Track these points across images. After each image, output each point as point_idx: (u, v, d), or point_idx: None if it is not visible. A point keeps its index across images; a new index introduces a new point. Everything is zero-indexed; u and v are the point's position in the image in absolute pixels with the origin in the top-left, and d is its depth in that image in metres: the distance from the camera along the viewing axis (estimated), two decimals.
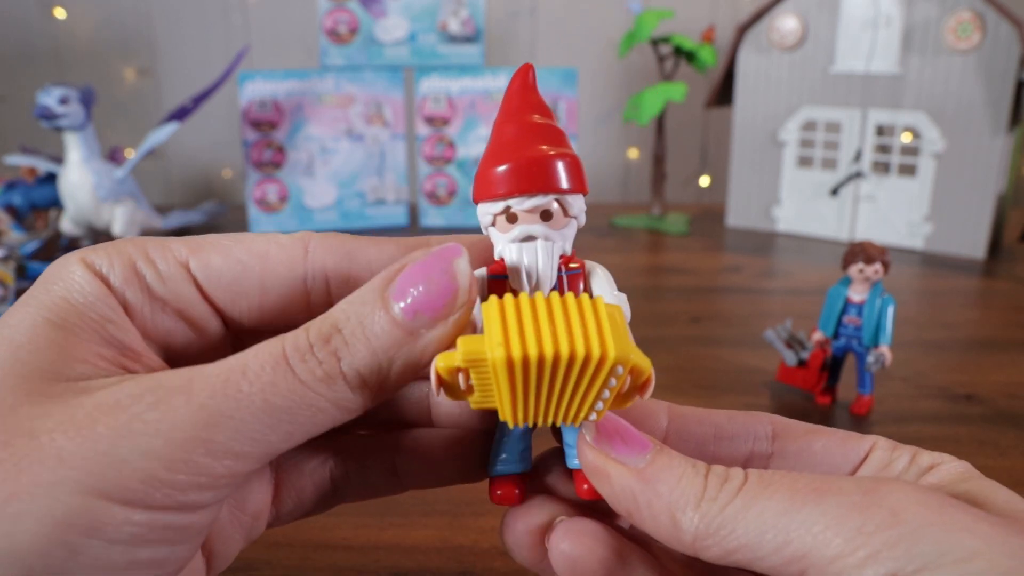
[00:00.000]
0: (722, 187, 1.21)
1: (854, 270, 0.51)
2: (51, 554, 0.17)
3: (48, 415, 0.18)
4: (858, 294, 0.52)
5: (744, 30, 1.00)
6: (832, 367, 0.54)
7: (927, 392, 0.57)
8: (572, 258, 0.23)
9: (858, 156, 0.96)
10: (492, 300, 0.19)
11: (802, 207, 1.02)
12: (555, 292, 0.20)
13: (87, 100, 0.86)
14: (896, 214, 0.96)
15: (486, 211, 0.22)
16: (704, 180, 1.28)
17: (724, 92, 1.04)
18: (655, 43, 1.05)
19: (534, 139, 0.22)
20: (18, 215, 0.93)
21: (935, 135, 0.91)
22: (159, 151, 1.22)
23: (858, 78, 0.94)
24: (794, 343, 0.56)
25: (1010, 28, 0.85)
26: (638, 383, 0.20)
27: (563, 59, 1.22)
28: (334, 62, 1.01)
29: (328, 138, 1.01)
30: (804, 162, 1.01)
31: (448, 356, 0.19)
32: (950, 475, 0.20)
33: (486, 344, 0.19)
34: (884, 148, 0.96)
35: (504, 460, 0.23)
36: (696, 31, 1.14)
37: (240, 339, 0.24)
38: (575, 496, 0.23)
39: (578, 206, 0.22)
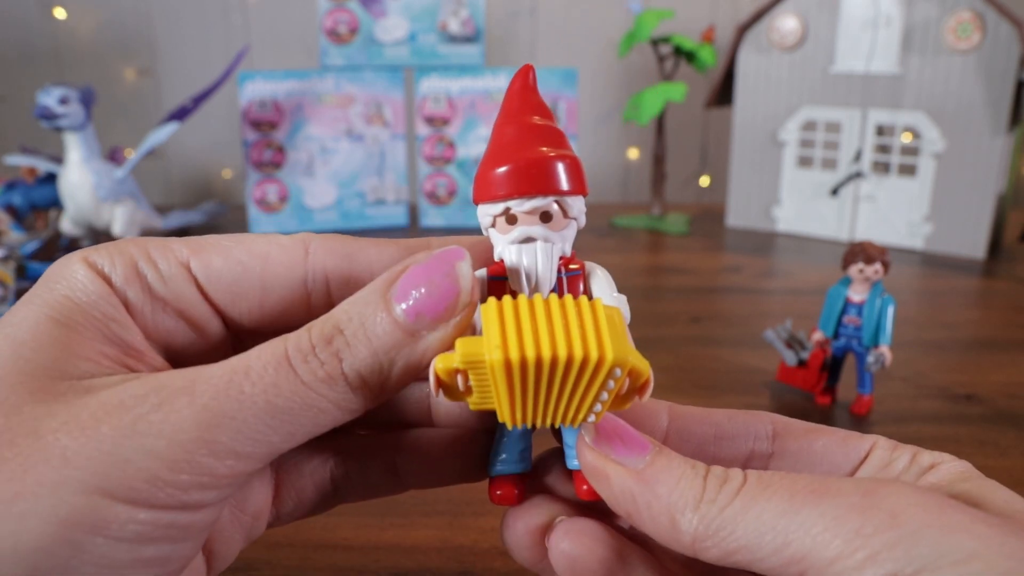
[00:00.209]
0: (722, 187, 1.21)
1: (854, 270, 0.51)
2: (56, 552, 0.17)
3: (53, 414, 0.18)
4: (858, 294, 0.52)
5: (744, 30, 1.00)
6: (832, 367, 0.54)
7: (927, 392, 0.57)
8: (572, 259, 0.23)
9: (858, 156, 0.96)
10: (491, 302, 0.19)
11: (802, 207, 1.02)
12: (554, 294, 0.20)
13: (87, 100, 0.86)
14: (896, 214, 0.96)
15: (486, 212, 0.22)
16: (704, 180, 1.28)
17: (724, 92, 1.04)
18: (655, 43, 1.05)
19: (534, 140, 0.22)
20: (18, 215, 0.93)
21: (935, 135, 0.91)
22: (159, 151, 1.22)
23: (858, 78, 0.94)
24: (794, 343, 0.56)
25: (1010, 28, 0.85)
26: (637, 385, 0.20)
27: (563, 59, 1.22)
28: (334, 62, 1.01)
29: (328, 138, 1.01)
30: (804, 162, 1.01)
31: (447, 358, 0.19)
32: (950, 475, 0.20)
33: (484, 346, 0.19)
34: (884, 148, 0.96)
35: (504, 460, 0.23)
36: (696, 31, 1.14)
37: (241, 339, 0.24)
38: (575, 496, 0.23)
39: (578, 207, 0.22)
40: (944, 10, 0.88)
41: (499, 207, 0.22)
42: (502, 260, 0.22)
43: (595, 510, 0.23)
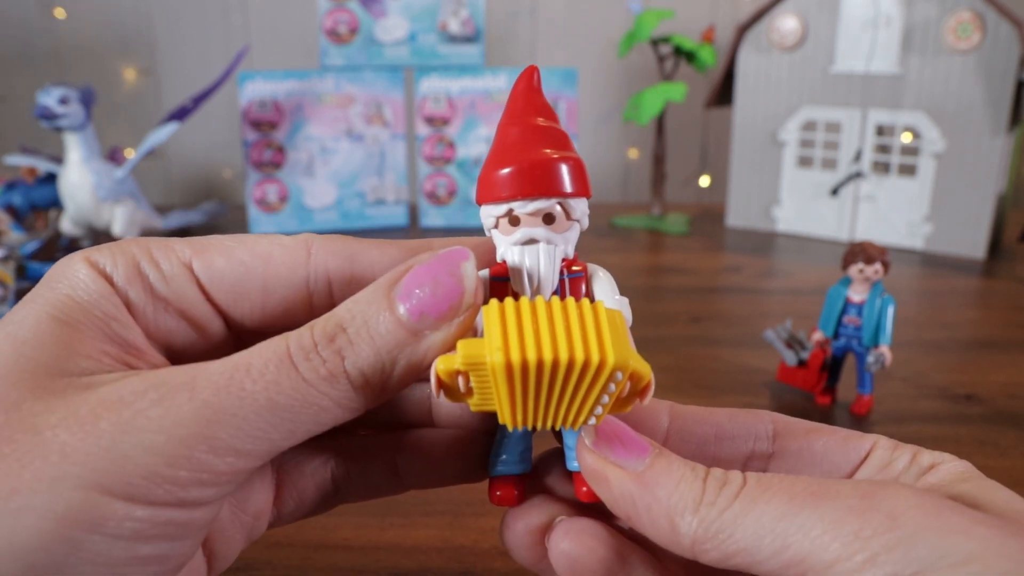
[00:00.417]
0: (722, 187, 1.21)
1: (854, 270, 0.51)
2: (52, 550, 0.17)
3: (51, 411, 0.18)
4: (858, 294, 0.52)
5: (744, 30, 1.00)
6: (832, 367, 0.54)
7: (927, 392, 0.57)
8: (575, 261, 0.23)
9: (858, 156, 0.96)
10: (493, 304, 0.20)
11: (802, 207, 1.02)
12: (556, 296, 0.20)
13: (87, 100, 0.86)
14: (896, 214, 0.96)
15: (489, 213, 0.22)
16: (704, 180, 1.28)
17: (724, 92, 1.04)
18: (655, 43, 1.05)
19: (538, 142, 0.22)
20: (18, 215, 0.93)
21: (935, 135, 0.91)
22: (159, 151, 1.22)
23: (858, 78, 0.94)
24: (794, 343, 0.56)
25: (1010, 28, 0.85)
26: (638, 388, 0.20)
27: (563, 59, 1.22)
28: (334, 62, 1.01)
29: (328, 138, 1.01)
30: (804, 162, 1.01)
31: (448, 359, 0.19)
32: (950, 475, 0.20)
33: (486, 348, 0.19)
34: (884, 148, 0.96)
35: (504, 461, 0.23)
36: (696, 31, 1.14)
37: (242, 340, 0.24)
38: (575, 497, 0.23)
39: (581, 209, 0.22)
40: (944, 10, 0.88)
41: (502, 208, 0.22)
42: (504, 261, 0.22)
43: (595, 510, 0.23)
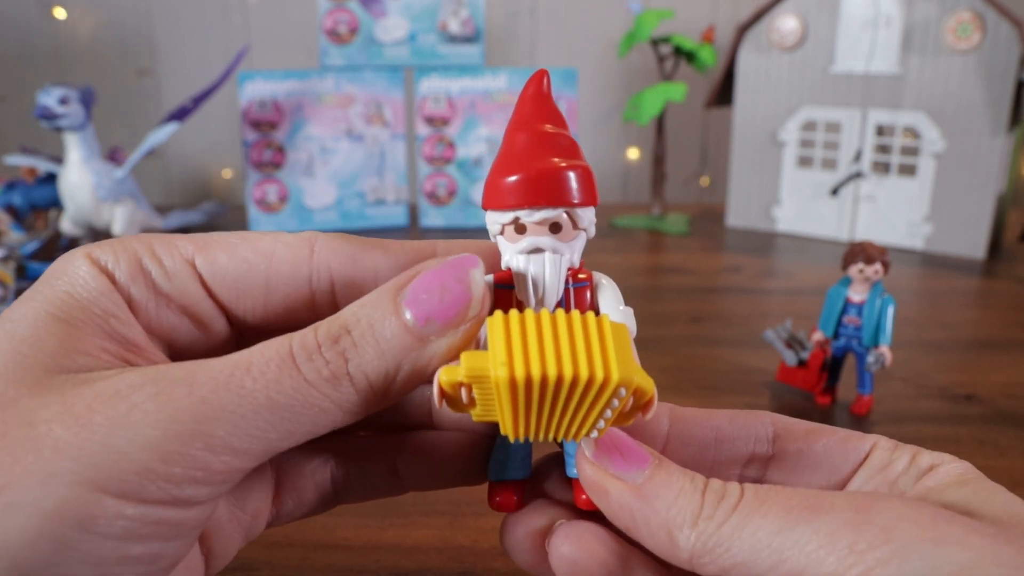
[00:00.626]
0: (722, 187, 1.21)
1: (854, 270, 0.51)
2: (41, 547, 0.17)
3: (47, 405, 0.18)
4: (858, 294, 0.52)
5: (744, 30, 1.00)
6: (832, 367, 0.54)
7: (927, 392, 0.57)
8: (580, 269, 0.22)
9: (858, 156, 0.96)
10: (497, 315, 0.19)
11: (802, 207, 1.02)
12: (561, 310, 0.20)
13: (87, 100, 0.86)
14: (896, 214, 0.96)
15: (495, 220, 0.22)
16: (704, 180, 1.28)
17: (724, 92, 1.04)
18: (655, 43, 1.05)
19: (546, 149, 0.22)
20: (18, 215, 0.93)
21: (935, 135, 0.91)
22: (159, 151, 1.22)
23: (858, 78, 0.94)
24: (794, 343, 0.56)
25: (1010, 28, 0.85)
26: (640, 403, 0.20)
27: (563, 59, 1.22)
28: (334, 62, 1.01)
29: (328, 138, 1.01)
30: (804, 162, 1.01)
31: (451, 370, 0.19)
32: (950, 476, 0.20)
33: (490, 361, 0.18)
34: (884, 148, 0.96)
35: (504, 466, 0.23)
36: (696, 31, 1.14)
37: (244, 338, 0.24)
38: (574, 502, 0.23)
39: (588, 218, 0.22)
40: (944, 10, 0.88)
41: (508, 216, 0.22)
42: (509, 268, 0.22)
43: (595, 514, 0.23)
